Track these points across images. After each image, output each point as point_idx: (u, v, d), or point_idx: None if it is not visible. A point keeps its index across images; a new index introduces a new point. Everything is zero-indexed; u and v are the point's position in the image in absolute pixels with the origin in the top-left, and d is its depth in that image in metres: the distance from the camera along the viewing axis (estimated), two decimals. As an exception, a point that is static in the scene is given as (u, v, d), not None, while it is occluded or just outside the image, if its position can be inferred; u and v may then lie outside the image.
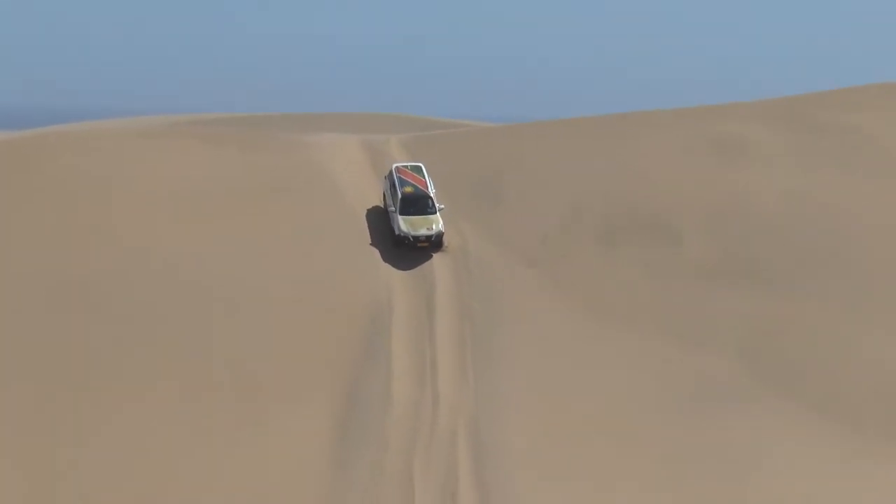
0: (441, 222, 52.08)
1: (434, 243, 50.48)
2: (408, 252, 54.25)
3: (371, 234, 58.90)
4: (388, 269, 56.04)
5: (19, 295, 52.20)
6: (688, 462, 43.00)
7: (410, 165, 54.74)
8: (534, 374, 48.49)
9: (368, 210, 60.54)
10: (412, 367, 48.35)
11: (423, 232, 50.00)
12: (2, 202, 60.01)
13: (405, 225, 50.21)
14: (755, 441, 44.14)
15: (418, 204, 50.96)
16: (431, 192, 53.13)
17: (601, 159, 66.54)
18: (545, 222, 60.78)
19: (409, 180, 52.48)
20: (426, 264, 56.60)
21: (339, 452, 42.88)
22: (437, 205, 52.60)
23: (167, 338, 49.55)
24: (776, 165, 65.04)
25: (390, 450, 43.00)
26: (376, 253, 57.38)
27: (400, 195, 51.54)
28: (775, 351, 50.12)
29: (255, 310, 51.69)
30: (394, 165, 55.39)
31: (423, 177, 53.62)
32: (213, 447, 42.87)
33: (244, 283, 53.60)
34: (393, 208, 51.79)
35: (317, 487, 41.02)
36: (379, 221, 55.33)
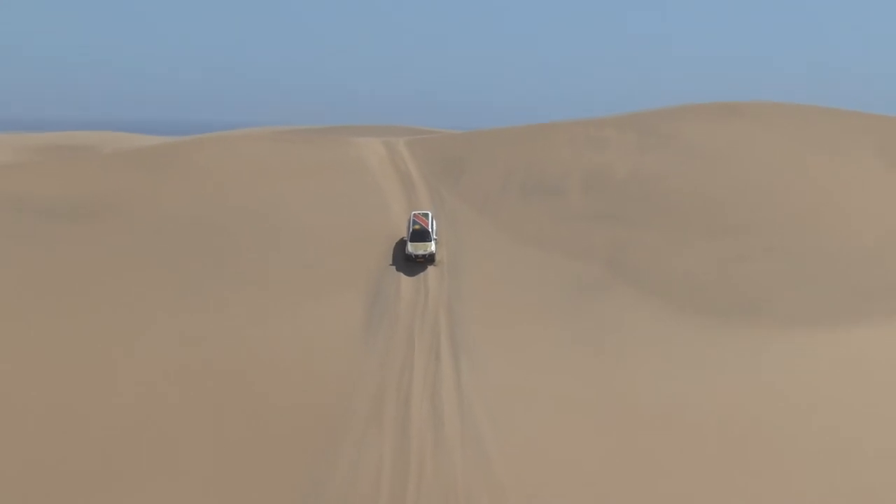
0: (434, 247, 49.85)
1: (428, 259, 48.89)
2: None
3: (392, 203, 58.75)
4: (397, 216, 56.14)
5: (188, 233, 52.24)
6: (580, 325, 42.93)
7: (422, 213, 52.67)
8: (481, 274, 48.44)
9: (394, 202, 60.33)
10: (411, 274, 48.23)
11: (420, 252, 48.46)
12: (173, 176, 60.46)
13: (411, 247, 48.78)
14: (618, 312, 44.17)
15: (421, 236, 49.30)
16: (433, 229, 51.10)
17: (522, 150, 66.70)
18: (488, 187, 61.11)
19: (419, 221, 50.65)
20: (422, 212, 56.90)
21: (369, 319, 42.64)
22: (433, 237, 50.53)
23: (261, 255, 49.41)
24: (625, 153, 65.14)
25: (400, 319, 42.81)
26: (392, 208, 57.63)
27: (411, 230, 50.02)
28: (627, 260, 50.07)
29: (316, 239, 51.54)
30: (412, 212, 53.43)
31: (428, 219, 51.49)
32: (292, 315, 42.57)
33: (310, 224, 53.59)
34: (406, 238, 50.47)
35: (355, 338, 40.66)
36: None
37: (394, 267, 48.38)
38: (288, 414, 34.33)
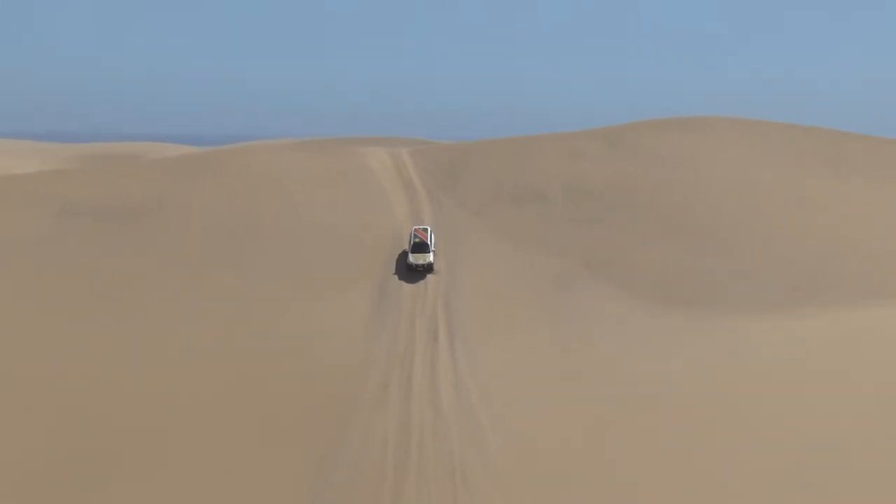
0: (432, 257, 49.06)
1: (426, 268, 48.15)
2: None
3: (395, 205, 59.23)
4: (401, 218, 56.71)
5: (219, 232, 52.89)
6: (560, 314, 43.34)
7: (422, 227, 51.63)
8: (475, 270, 48.87)
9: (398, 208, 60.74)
10: (413, 272, 48.65)
11: (420, 262, 47.69)
12: (206, 183, 60.85)
13: (412, 258, 48.21)
14: (593, 303, 44.52)
15: (421, 248, 48.42)
16: (431, 241, 50.22)
17: (511, 160, 66.82)
18: (482, 193, 61.13)
19: (419, 235, 49.77)
20: (423, 214, 57.46)
21: (377, 309, 43.37)
22: (431, 249, 49.66)
23: (284, 252, 49.91)
24: (599, 162, 65.28)
25: (403, 307, 43.57)
26: (396, 211, 58.06)
27: (412, 243, 49.50)
28: (601, 258, 50.22)
29: (331, 238, 51.99)
30: (413, 227, 52.49)
31: (427, 233, 50.58)
32: (311, 305, 43.32)
33: (326, 224, 53.94)
34: (408, 249, 49.87)
35: (367, 321, 41.57)
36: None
37: (398, 272, 48.58)
38: (308, 389, 35.04)
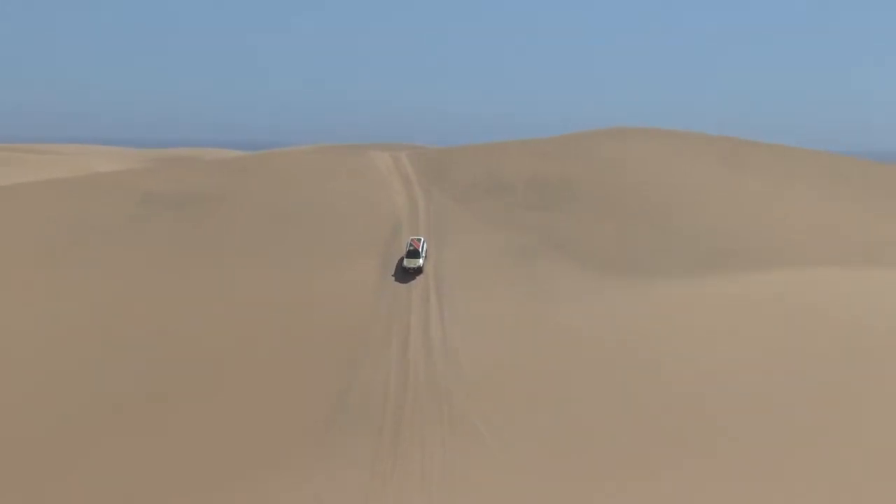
0: (422, 262, 46.21)
1: (416, 271, 45.37)
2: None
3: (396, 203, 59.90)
4: (399, 209, 57.04)
5: (262, 215, 52.77)
6: (523, 278, 43.79)
7: (416, 238, 48.43)
8: (456, 247, 49.06)
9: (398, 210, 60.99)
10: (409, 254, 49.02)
11: (412, 265, 45.28)
12: (251, 178, 60.64)
13: (406, 262, 45.63)
14: (548, 269, 44.93)
15: (413, 255, 45.82)
16: (423, 248, 47.30)
17: (486, 160, 66.64)
18: (464, 185, 60.76)
19: (413, 245, 47.14)
20: (417, 203, 57.48)
21: (381, 275, 43.99)
22: (422, 255, 46.69)
23: (312, 232, 49.79)
24: (558, 161, 65.21)
25: (401, 274, 44.22)
26: (396, 200, 58.23)
27: (407, 250, 46.90)
28: (554, 236, 50.39)
29: (347, 221, 51.96)
30: (410, 237, 49.30)
31: (421, 242, 47.59)
32: (330, 273, 43.59)
33: (343, 211, 53.84)
34: (404, 255, 46.97)
35: (373, 286, 42.13)
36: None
37: (395, 273, 46.69)
38: (327, 336, 36.16)
